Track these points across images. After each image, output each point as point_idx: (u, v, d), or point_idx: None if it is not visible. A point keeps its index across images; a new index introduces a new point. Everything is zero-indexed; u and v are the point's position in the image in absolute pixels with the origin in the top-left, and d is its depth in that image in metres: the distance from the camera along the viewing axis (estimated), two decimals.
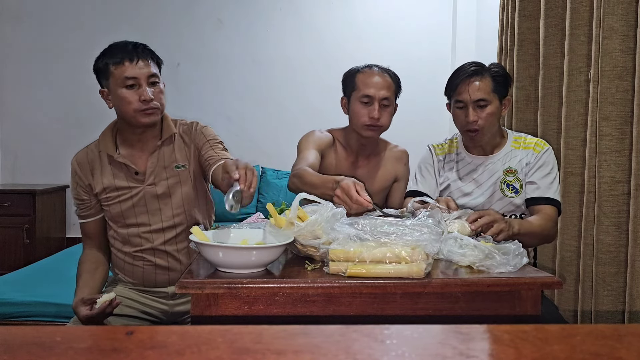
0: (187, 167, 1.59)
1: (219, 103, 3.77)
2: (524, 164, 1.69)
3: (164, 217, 1.58)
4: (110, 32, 3.74)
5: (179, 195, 1.58)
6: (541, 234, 1.57)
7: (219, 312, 1.01)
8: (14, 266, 3.19)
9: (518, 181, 1.69)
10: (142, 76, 1.47)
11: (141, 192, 1.56)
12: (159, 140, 1.57)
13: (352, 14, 3.78)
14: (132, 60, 1.46)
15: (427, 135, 3.66)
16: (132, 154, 1.58)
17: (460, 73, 1.66)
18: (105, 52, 1.52)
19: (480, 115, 1.63)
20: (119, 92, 1.47)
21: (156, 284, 1.62)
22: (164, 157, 1.58)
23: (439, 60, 3.76)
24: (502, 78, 1.66)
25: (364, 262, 1.02)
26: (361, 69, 1.80)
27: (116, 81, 1.47)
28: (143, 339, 0.48)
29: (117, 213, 1.57)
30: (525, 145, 1.71)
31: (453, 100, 1.69)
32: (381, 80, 1.76)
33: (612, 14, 1.80)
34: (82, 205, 1.61)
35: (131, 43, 1.50)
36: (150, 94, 1.47)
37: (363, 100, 1.75)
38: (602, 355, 0.46)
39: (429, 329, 0.52)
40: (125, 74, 1.46)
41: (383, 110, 1.76)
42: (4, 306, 2.10)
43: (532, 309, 1.06)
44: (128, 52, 1.47)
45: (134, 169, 1.56)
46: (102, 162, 1.58)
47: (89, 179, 1.57)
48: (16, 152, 3.82)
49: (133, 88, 1.47)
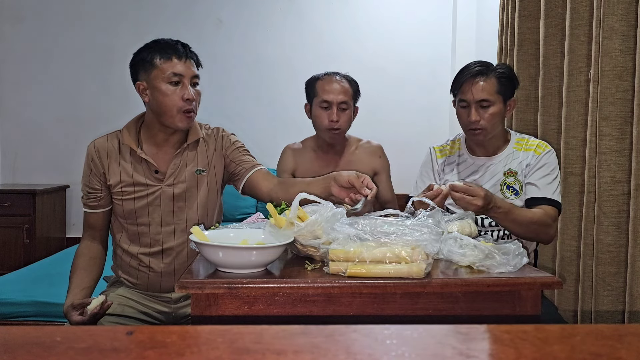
0: (207, 172, 1.59)
1: (219, 103, 3.76)
2: (524, 165, 1.69)
3: (176, 219, 1.57)
4: (110, 32, 3.77)
5: (194, 200, 1.58)
6: (531, 223, 1.53)
7: (219, 312, 1.01)
8: (14, 266, 3.19)
9: (518, 183, 1.69)
10: (187, 75, 1.49)
11: (158, 191, 1.55)
12: (185, 143, 1.57)
13: (352, 14, 3.78)
14: (181, 58, 1.48)
15: (427, 135, 3.69)
16: (155, 152, 1.56)
17: (465, 72, 1.66)
18: (150, 45, 1.51)
19: (482, 116, 1.63)
20: (162, 87, 1.47)
21: (161, 289, 1.61)
22: (186, 159, 1.57)
23: (439, 60, 3.76)
24: (508, 79, 1.65)
25: (364, 262, 1.02)
26: (320, 77, 1.96)
27: (162, 75, 1.47)
28: (143, 339, 0.48)
29: (130, 210, 1.55)
30: (527, 147, 1.71)
31: (457, 98, 1.69)
32: (339, 86, 1.91)
33: (612, 14, 1.80)
34: (93, 195, 1.57)
35: (179, 42, 1.52)
36: (192, 94, 1.49)
37: (322, 105, 1.91)
38: (602, 355, 0.46)
39: (428, 329, 0.52)
40: (173, 69, 1.46)
41: (341, 113, 1.91)
42: (4, 306, 2.10)
43: (532, 309, 1.06)
44: (177, 50, 1.49)
45: (154, 167, 1.54)
46: (122, 154, 1.55)
47: (105, 168, 1.55)
48: (16, 152, 3.82)
49: (177, 85, 1.47)
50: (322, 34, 3.79)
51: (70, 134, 3.78)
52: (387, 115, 3.72)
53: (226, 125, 1.74)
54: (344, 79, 1.93)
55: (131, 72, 1.55)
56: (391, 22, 3.77)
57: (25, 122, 3.79)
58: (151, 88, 1.49)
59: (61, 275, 2.41)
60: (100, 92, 3.78)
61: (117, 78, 3.73)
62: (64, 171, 3.76)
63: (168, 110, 1.48)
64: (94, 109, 3.78)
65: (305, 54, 3.79)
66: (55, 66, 3.77)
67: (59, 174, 3.76)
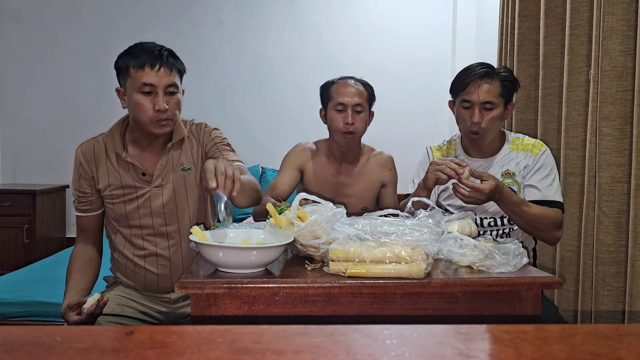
0: (193, 170, 1.57)
1: (219, 103, 3.77)
2: (522, 166, 1.69)
3: (168, 220, 1.55)
4: (110, 32, 3.77)
5: (184, 199, 1.56)
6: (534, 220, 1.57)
7: (219, 312, 1.01)
8: (14, 266, 3.19)
9: (516, 184, 1.69)
10: (160, 84, 1.42)
11: (147, 193, 1.53)
12: (169, 143, 1.54)
13: (352, 14, 3.78)
14: (154, 66, 1.41)
15: (427, 135, 3.68)
16: (140, 154, 1.54)
17: (470, 73, 1.64)
18: (128, 51, 1.46)
19: (484, 118, 1.62)
20: (134, 96, 1.42)
21: (159, 290, 1.60)
22: (172, 159, 1.55)
23: (439, 60, 3.76)
24: (510, 83, 1.66)
25: (364, 262, 1.02)
26: (335, 81, 1.93)
27: (133, 84, 1.42)
28: (143, 339, 0.48)
29: (121, 214, 1.54)
30: (523, 147, 1.71)
31: (459, 99, 1.67)
32: (353, 89, 1.88)
33: (612, 14, 1.80)
34: (83, 199, 1.56)
35: (157, 47, 1.45)
36: (164, 105, 1.42)
37: (337, 108, 1.87)
38: (602, 355, 0.46)
39: (429, 329, 0.52)
40: (144, 79, 1.41)
41: (356, 116, 1.87)
42: (4, 306, 2.10)
43: (532, 309, 1.06)
44: (152, 57, 1.42)
45: (141, 170, 1.52)
46: (108, 158, 1.53)
47: (93, 172, 1.53)
48: (16, 152, 3.82)
49: (149, 95, 1.42)
50: (322, 34, 3.79)
51: (70, 134, 3.77)
52: (387, 115, 3.71)
53: (226, 125, 1.74)
54: (358, 83, 1.91)
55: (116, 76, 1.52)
56: (391, 22, 3.77)
57: (25, 122, 3.79)
58: (127, 95, 1.46)
59: (61, 276, 2.40)
60: (100, 92, 3.78)
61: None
62: (64, 171, 3.75)
63: (140, 119, 1.45)
64: (94, 109, 3.78)
65: (305, 54, 3.79)
66: (55, 66, 3.77)
67: (59, 174, 3.75)
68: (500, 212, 1.68)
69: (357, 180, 1.96)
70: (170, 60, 1.45)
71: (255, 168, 3.61)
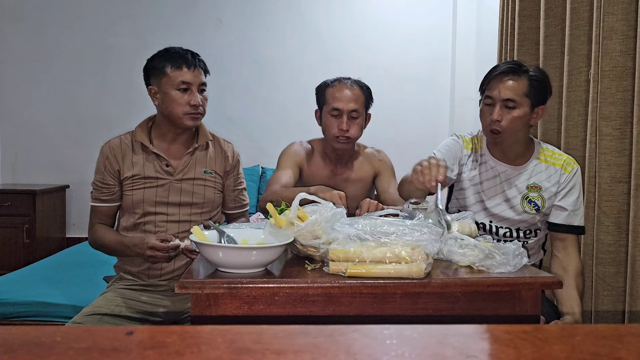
0: (213, 174, 1.73)
1: (219, 103, 3.76)
2: (552, 181, 1.62)
3: (182, 211, 1.66)
4: (111, 32, 3.77)
5: (200, 197, 1.69)
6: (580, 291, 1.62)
7: (219, 312, 1.01)
8: (14, 266, 3.19)
9: (541, 199, 1.62)
10: (195, 82, 1.62)
11: (167, 184, 1.66)
12: (196, 143, 1.70)
13: (352, 14, 3.78)
14: (190, 67, 1.62)
15: (427, 135, 3.69)
16: (166, 148, 1.69)
17: (496, 69, 1.59)
18: (162, 54, 1.64)
19: (505, 116, 1.54)
20: (172, 93, 1.61)
21: (161, 275, 1.64)
22: (196, 160, 1.70)
23: (439, 60, 3.76)
24: (539, 83, 1.55)
25: (364, 262, 1.02)
26: (331, 83, 1.87)
27: (171, 83, 1.61)
28: (143, 339, 0.48)
29: (139, 200, 1.64)
30: (554, 161, 1.64)
31: (484, 95, 1.62)
32: (350, 94, 1.81)
33: (612, 14, 1.80)
34: (106, 190, 1.66)
35: (189, 51, 1.65)
36: (199, 100, 1.62)
37: (333, 113, 1.82)
38: (602, 355, 0.46)
39: (428, 329, 0.52)
40: (182, 78, 1.60)
41: (352, 122, 1.82)
42: (4, 306, 2.10)
43: (532, 309, 1.06)
44: (187, 59, 1.62)
45: (166, 161, 1.66)
46: (134, 151, 1.67)
47: (120, 165, 1.65)
48: (16, 152, 3.82)
49: (185, 92, 1.61)
50: (322, 34, 3.79)
51: (70, 134, 3.77)
52: (387, 115, 3.72)
53: (226, 125, 1.76)
54: (355, 85, 1.83)
55: (144, 76, 1.68)
56: (391, 22, 3.77)
57: (25, 122, 3.79)
58: (161, 93, 1.63)
59: (61, 276, 2.42)
60: (101, 92, 3.78)
61: (117, 78, 3.73)
62: (64, 171, 3.76)
63: (175, 113, 1.62)
64: (94, 109, 3.78)
65: (305, 54, 3.79)
66: (55, 66, 3.77)
67: (59, 174, 3.75)
68: (517, 224, 1.64)
69: (353, 179, 1.96)
70: (202, 63, 1.67)
71: (255, 168, 3.61)
